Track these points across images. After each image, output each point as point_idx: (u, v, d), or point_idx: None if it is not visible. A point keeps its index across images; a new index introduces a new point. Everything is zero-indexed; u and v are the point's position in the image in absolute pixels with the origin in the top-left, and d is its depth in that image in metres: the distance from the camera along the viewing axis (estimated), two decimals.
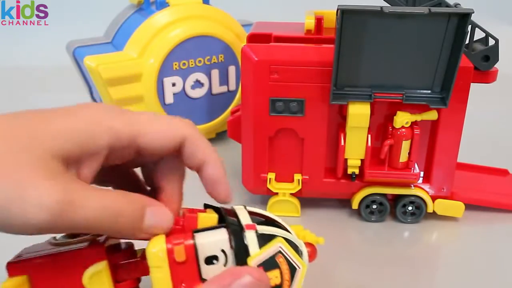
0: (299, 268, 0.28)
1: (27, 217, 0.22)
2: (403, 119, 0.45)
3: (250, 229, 0.27)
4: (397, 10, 0.39)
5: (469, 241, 0.48)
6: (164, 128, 0.28)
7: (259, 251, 0.27)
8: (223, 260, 0.27)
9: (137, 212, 0.26)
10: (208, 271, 0.27)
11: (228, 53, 0.61)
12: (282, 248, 0.28)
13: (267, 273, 0.27)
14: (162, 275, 0.26)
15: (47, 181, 0.23)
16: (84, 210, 0.24)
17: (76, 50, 0.62)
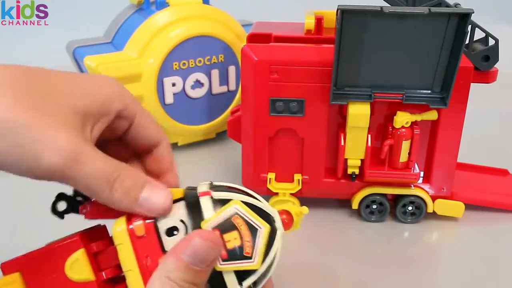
0: (260, 228, 0.28)
1: (42, 155, 0.24)
2: (403, 119, 0.45)
3: (205, 195, 0.28)
4: (397, 10, 0.39)
5: (469, 241, 0.48)
6: (153, 123, 0.31)
7: (213, 214, 0.27)
8: (183, 230, 0.28)
9: (135, 185, 0.27)
10: (170, 243, 0.27)
11: (228, 53, 0.61)
12: (239, 210, 0.28)
13: (224, 235, 0.27)
14: (126, 251, 0.27)
15: (64, 130, 0.25)
16: (88, 167, 0.25)
17: (76, 50, 0.62)
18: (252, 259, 0.27)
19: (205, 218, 0.27)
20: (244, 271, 0.27)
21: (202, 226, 0.27)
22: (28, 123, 0.24)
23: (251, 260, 0.27)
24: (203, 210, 0.28)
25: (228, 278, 0.27)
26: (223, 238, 0.27)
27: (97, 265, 0.29)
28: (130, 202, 0.27)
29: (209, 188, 0.29)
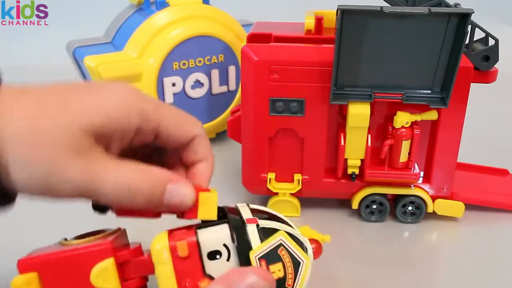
0: (303, 261, 0.28)
1: (58, 189, 0.25)
2: (403, 119, 0.45)
3: (252, 223, 0.28)
4: (397, 10, 0.39)
5: (469, 241, 0.48)
6: (183, 121, 0.31)
7: (260, 244, 0.27)
8: (225, 254, 0.27)
9: (156, 189, 0.27)
10: (211, 266, 0.27)
11: (228, 53, 0.61)
12: (284, 241, 0.28)
13: (269, 266, 0.27)
14: (166, 271, 0.27)
15: (74, 160, 0.25)
16: (104, 186, 0.25)
17: (76, 50, 0.62)
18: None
19: (253, 248, 0.27)
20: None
21: (250, 255, 0.27)
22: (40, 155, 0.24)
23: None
24: (250, 238, 0.27)
25: None
26: (268, 268, 0.27)
27: (122, 274, 0.28)
28: (157, 204, 0.27)
29: (251, 212, 0.29)
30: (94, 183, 0.25)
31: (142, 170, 0.27)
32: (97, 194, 0.26)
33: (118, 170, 0.26)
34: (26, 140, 0.24)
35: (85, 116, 0.26)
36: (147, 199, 0.26)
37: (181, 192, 0.27)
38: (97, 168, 0.25)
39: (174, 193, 0.27)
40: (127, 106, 0.27)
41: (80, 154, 0.25)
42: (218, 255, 0.27)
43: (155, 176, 0.27)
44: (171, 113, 0.30)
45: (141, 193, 0.26)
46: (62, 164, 0.25)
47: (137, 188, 0.26)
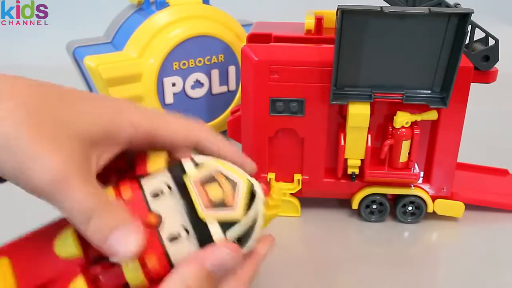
0: (239, 182, 0.29)
1: (33, 173, 0.24)
2: (403, 119, 0.45)
3: (186, 158, 0.29)
4: (397, 10, 0.39)
5: (469, 241, 0.48)
6: (180, 129, 0.30)
7: (195, 170, 0.28)
8: (167, 190, 0.29)
9: (106, 226, 0.26)
10: (156, 203, 0.28)
11: (228, 53, 0.61)
12: (220, 167, 0.29)
13: (206, 186, 0.28)
14: None
15: (60, 155, 0.25)
16: (71, 197, 0.25)
17: (76, 50, 0.62)
18: (234, 208, 0.28)
19: (185, 171, 0.28)
20: (227, 222, 0.28)
21: (185, 180, 0.28)
22: (29, 142, 0.24)
23: (232, 209, 0.28)
24: (186, 168, 0.29)
25: (213, 229, 0.27)
26: (205, 189, 0.28)
27: (85, 242, 0.29)
28: (100, 241, 0.26)
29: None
30: (64, 186, 0.25)
31: (107, 202, 0.26)
32: (60, 200, 0.25)
33: (89, 190, 0.26)
34: (23, 122, 0.25)
35: (81, 124, 0.26)
36: (96, 233, 0.26)
37: (126, 239, 0.26)
38: (74, 175, 0.25)
39: (120, 238, 0.26)
40: (118, 117, 0.28)
41: (68, 155, 0.25)
42: (160, 193, 0.28)
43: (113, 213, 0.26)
44: (166, 121, 0.30)
45: (94, 224, 0.26)
46: (47, 153, 0.25)
47: (93, 217, 0.25)
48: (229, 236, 0.28)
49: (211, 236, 0.27)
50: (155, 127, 0.29)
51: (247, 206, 0.28)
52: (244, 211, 0.28)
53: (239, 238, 0.28)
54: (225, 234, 0.28)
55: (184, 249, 0.28)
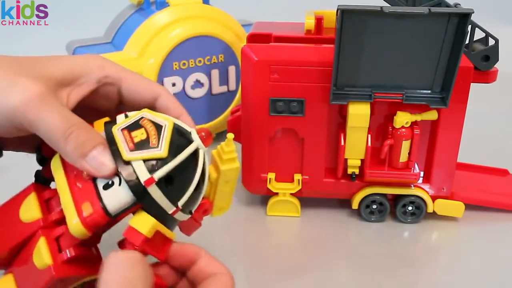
0: (164, 123, 0.29)
1: (8, 96, 0.27)
2: (403, 119, 0.45)
3: (120, 114, 0.31)
4: (397, 10, 0.39)
5: (469, 241, 0.48)
6: (143, 80, 0.33)
7: (123, 120, 0.30)
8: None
9: (88, 142, 0.28)
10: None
11: (228, 53, 0.61)
12: (147, 115, 0.30)
13: (131, 132, 0.29)
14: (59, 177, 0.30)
15: (33, 81, 0.28)
16: (49, 115, 0.28)
17: (76, 50, 0.62)
18: (159, 147, 0.28)
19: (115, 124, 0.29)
20: (154, 162, 0.28)
21: (112, 129, 0.29)
22: (6, 76, 0.28)
23: (157, 148, 0.28)
24: (117, 121, 0.30)
25: (138, 169, 0.28)
26: (130, 135, 0.28)
27: (47, 209, 0.31)
28: (78, 156, 0.28)
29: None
30: (41, 105, 0.27)
31: (86, 124, 0.29)
32: (37, 118, 0.27)
33: (67, 111, 0.29)
34: None
35: (52, 66, 0.30)
36: (75, 148, 0.28)
37: (101, 160, 0.28)
38: (50, 98, 0.28)
39: (100, 154, 0.28)
40: (89, 62, 0.31)
41: (43, 84, 0.28)
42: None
43: (95, 133, 0.29)
44: (133, 74, 0.33)
45: (74, 140, 0.28)
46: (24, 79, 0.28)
47: (73, 133, 0.28)
48: (156, 176, 0.27)
49: (138, 177, 0.27)
50: (120, 75, 0.32)
51: (176, 146, 0.29)
52: (168, 149, 0.28)
53: (170, 178, 0.28)
54: (151, 173, 0.27)
55: (118, 195, 0.28)
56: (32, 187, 0.32)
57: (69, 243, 0.30)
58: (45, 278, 0.29)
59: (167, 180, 0.28)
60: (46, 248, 0.29)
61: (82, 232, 0.28)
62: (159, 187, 0.28)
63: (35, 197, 0.31)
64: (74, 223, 0.28)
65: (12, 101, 0.27)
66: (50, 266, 0.29)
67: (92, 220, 0.28)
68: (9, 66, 0.29)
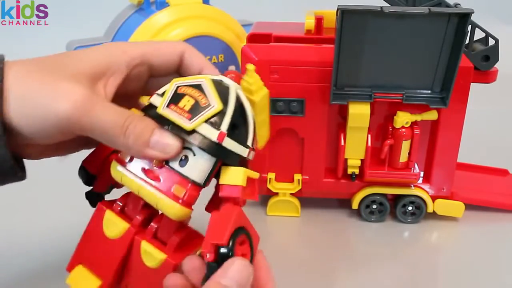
0: (201, 81, 0.30)
1: (56, 104, 0.27)
2: (403, 119, 0.45)
3: (151, 96, 0.31)
4: (397, 10, 0.39)
5: (469, 241, 0.48)
6: (167, 44, 0.34)
7: (162, 100, 0.29)
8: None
9: (146, 130, 0.28)
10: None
11: (228, 53, 0.61)
12: (178, 83, 0.30)
13: (178, 104, 0.29)
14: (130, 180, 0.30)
15: (75, 85, 0.28)
16: (103, 114, 0.28)
17: (76, 50, 0.61)
18: (212, 104, 0.28)
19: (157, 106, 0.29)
20: (215, 118, 0.28)
21: (158, 112, 0.29)
22: (40, 85, 0.27)
23: (210, 105, 0.28)
24: (155, 104, 0.30)
25: (205, 131, 0.28)
26: (179, 107, 0.29)
27: (128, 217, 0.32)
28: (143, 145, 0.28)
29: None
30: (93, 108, 0.27)
31: (136, 114, 0.29)
32: (92, 121, 0.27)
33: (115, 106, 0.29)
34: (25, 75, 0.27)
35: (80, 63, 0.29)
36: (137, 139, 0.28)
37: (168, 136, 0.29)
38: (96, 98, 0.28)
39: (161, 136, 0.28)
40: (111, 53, 0.31)
41: (81, 85, 0.28)
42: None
43: (147, 120, 0.29)
44: (153, 42, 0.34)
45: (133, 131, 0.28)
46: (63, 85, 0.27)
47: (130, 125, 0.28)
48: (223, 128, 0.28)
49: (209, 139, 0.28)
50: (144, 50, 0.32)
51: (223, 96, 0.29)
52: (220, 101, 0.29)
53: (234, 125, 0.29)
54: (219, 128, 0.28)
55: (198, 165, 0.29)
56: (100, 206, 0.32)
57: (166, 233, 0.31)
58: (168, 271, 0.30)
59: (233, 128, 0.29)
60: (152, 247, 0.31)
61: (185, 213, 0.29)
62: (230, 137, 0.29)
63: (111, 213, 0.32)
64: (176, 208, 0.29)
65: (62, 109, 0.27)
66: (166, 259, 0.30)
67: (189, 197, 0.29)
68: (40, 71, 0.28)
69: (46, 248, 0.44)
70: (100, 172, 0.33)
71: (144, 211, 0.32)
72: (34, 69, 0.28)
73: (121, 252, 0.31)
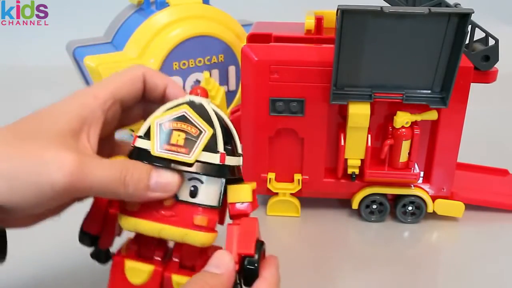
0: (182, 111, 0.30)
1: (49, 177, 0.25)
2: (403, 119, 0.45)
3: (135, 139, 0.31)
4: (397, 10, 0.39)
5: (469, 241, 0.48)
6: (127, 72, 0.32)
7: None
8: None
9: (142, 175, 0.28)
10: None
11: (228, 53, 0.61)
12: (159, 120, 0.30)
13: (171, 141, 0.29)
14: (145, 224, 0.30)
15: (63, 152, 0.26)
16: (98, 174, 0.27)
17: (76, 50, 0.62)
18: (202, 130, 0.29)
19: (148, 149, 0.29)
20: (210, 143, 0.29)
21: (154, 154, 0.29)
22: (25, 158, 0.26)
23: (202, 133, 0.29)
24: (145, 147, 0.30)
25: (206, 158, 0.29)
26: (173, 144, 0.29)
27: (147, 257, 0.32)
28: (144, 190, 0.28)
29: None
30: (86, 170, 0.27)
31: (128, 160, 0.29)
32: (89, 183, 0.27)
33: (107, 161, 0.28)
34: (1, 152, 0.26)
35: (57, 123, 0.28)
36: (136, 186, 0.28)
37: (165, 175, 0.29)
38: (87, 159, 0.27)
39: (158, 177, 0.29)
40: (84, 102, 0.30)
41: (67, 148, 0.27)
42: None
43: (140, 164, 0.29)
44: (115, 75, 0.33)
45: (131, 180, 0.28)
46: (52, 157, 0.26)
47: (126, 176, 0.28)
48: (220, 150, 0.29)
49: (213, 163, 0.29)
50: (112, 88, 0.31)
51: (206, 118, 0.30)
52: (207, 125, 0.29)
53: (226, 142, 0.30)
54: (217, 151, 0.29)
55: (210, 190, 0.30)
56: (117, 259, 0.32)
57: (191, 259, 0.32)
58: None
59: (226, 145, 0.30)
60: (184, 277, 0.31)
61: (213, 237, 0.30)
62: (228, 154, 0.30)
63: (130, 261, 0.31)
64: (205, 237, 0.29)
65: (57, 181, 0.26)
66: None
67: (212, 222, 0.30)
68: (19, 139, 0.27)
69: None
70: (103, 229, 0.33)
71: (160, 248, 0.32)
72: (11, 139, 0.27)
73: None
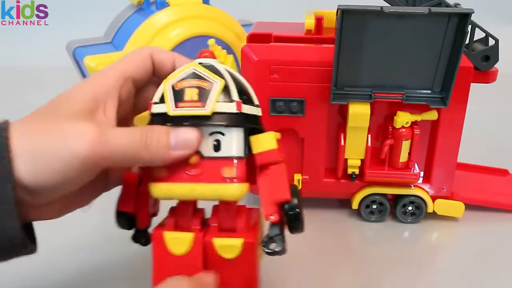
0: (191, 69, 0.30)
1: (73, 147, 0.26)
2: (403, 119, 0.45)
3: (150, 106, 0.31)
4: (397, 10, 0.39)
5: (469, 241, 0.48)
6: (133, 53, 0.33)
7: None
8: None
9: (162, 134, 0.29)
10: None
11: (228, 53, 0.61)
12: (170, 81, 0.30)
13: (185, 99, 0.29)
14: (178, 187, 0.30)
15: (82, 122, 0.28)
16: (119, 140, 0.28)
17: (76, 50, 0.62)
18: (214, 82, 0.29)
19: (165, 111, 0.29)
20: (224, 93, 0.29)
21: (170, 114, 0.29)
22: (46, 134, 0.27)
23: (213, 83, 0.29)
24: (157, 110, 0.30)
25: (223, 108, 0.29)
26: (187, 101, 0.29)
27: (185, 228, 0.32)
28: (166, 150, 0.29)
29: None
30: (107, 138, 0.27)
31: (145, 125, 0.30)
32: (111, 150, 0.27)
33: (124, 128, 0.29)
34: (25, 135, 0.27)
35: (75, 102, 0.29)
36: (158, 146, 0.28)
37: (183, 132, 0.29)
38: (105, 128, 0.28)
39: (177, 134, 0.29)
40: (102, 82, 0.31)
41: (85, 120, 0.28)
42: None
43: (158, 126, 0.29)
44: (122, 57, 0.33)
45: (151, 141, 0.28)
46: (70, 126, 0.27)
47: (147, 138, 0.28)
48: (235, 98, 0.29)
49: (230, 113, 0.29)
50: (121, 67, 0.32)
51: (216, 72, 0.30)
52: (218, 77, 0.29)
53: (240, 92, 0.30)
54: (232, 100, 0.29)
55: (233, 142, 0.30)
56: (156, 233, 0.31)
57: (229, 221, 0.32)
58: (251, 252, 0.31)
59: (241, 94, 0.30)
60: (226, 239, 0.31)
61: (245, 188, 0.30)
62: (244, 103, 0.30)
63: (169, 232, 0.31)
64: (237, 189, 0.30)
65: (81, 151, 0.26)
66: (245, 241, 0.31)
67: (241, 172, 0.30)
68: (39, 121, 0.28)
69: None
70: (138, 207, 0.33)
71: (197, 215, 0.32)
72: (30, 120, 0.28)
73: (200, 260, 0.31)
